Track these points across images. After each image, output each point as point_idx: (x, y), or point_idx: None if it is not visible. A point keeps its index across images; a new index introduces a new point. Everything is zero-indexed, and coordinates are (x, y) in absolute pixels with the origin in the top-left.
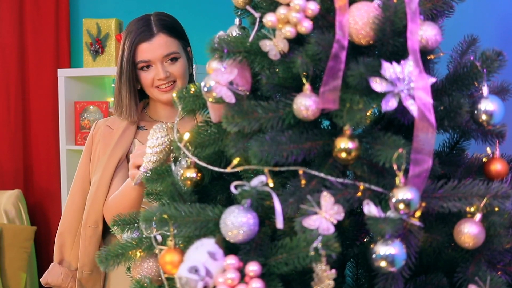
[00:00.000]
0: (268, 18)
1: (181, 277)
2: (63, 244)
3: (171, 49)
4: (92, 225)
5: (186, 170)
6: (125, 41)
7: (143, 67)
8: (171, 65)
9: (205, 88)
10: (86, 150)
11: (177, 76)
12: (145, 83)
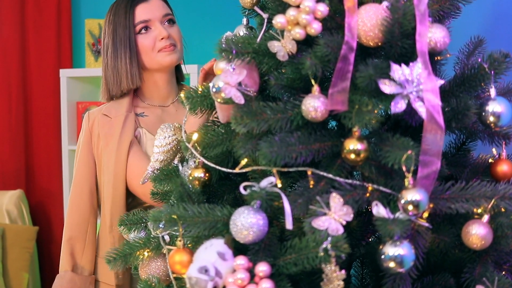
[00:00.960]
0: (277, 19)
1: (191, 277)
2: (73, 249)
3: (168, 10)
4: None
5: (194, 170)
6: (115, 12)
7: (142, 29)
8: (170, 28)
9: (213, 88)
10: (85, 145)
11: (176, 39)
12: (146, 49)
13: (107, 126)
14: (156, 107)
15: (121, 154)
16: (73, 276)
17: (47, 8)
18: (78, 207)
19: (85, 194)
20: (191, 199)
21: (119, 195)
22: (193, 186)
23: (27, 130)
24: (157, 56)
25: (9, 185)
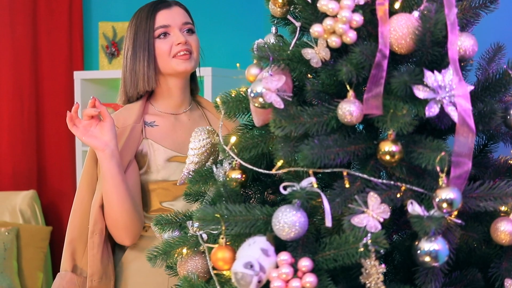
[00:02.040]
0: (315, 28)
1: (236, 272)
2: (74, 250)
3: (188, 19)
4: (99, 233)
5: (231, 172)
6: (138, 17)
7: (161, 34)
8: (188, 36)
9: (252, 94)
10: (91, 153)
11: (193, 47)
12: (163, 52)
13: None
14: (168, 114)
15: None
16: (73, 277)
17: (58, 10)
18: (80, 212)
19: (87, 200)
20: (230, 199)
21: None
22: (230, 187)
23: (39, 131)
24: (172, 62)
25: (22, 186)
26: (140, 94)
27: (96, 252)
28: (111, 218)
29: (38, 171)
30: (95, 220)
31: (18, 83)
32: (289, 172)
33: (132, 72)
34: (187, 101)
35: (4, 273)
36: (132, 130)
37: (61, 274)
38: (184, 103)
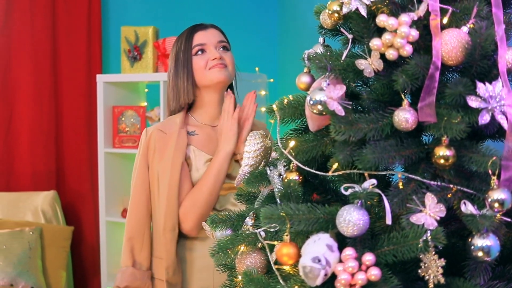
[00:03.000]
0: (374, 42)
1: (305, 266)
2: (133, 247)
3: (223, 38)
4: (171, 229)
5: (289, 174)
6: (179, 39)
7: (198, 51)
8: (223, 52)
9: (311, 101)
10: (142, 157)
11: (228, 62)
12: (199, 67)
13: (162, 141)
14: (206, 126)
15: (174, 169)
16: (134, 271)
17: (77, 14)
18: (136, 212)
19: (142, 201)
20: (292, 199)
21: (172, 205)
22: (288, 188)
23: (58, 133)
24: (208, 73)
25: (41, 186)
26: (182, 106)
27: (170, 247)
28: (206, 208)
29: (56, 172)
30: (165, 218)
31: (38, 86)
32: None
33: (174, 88)
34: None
35: (30, 271)
36: (178, 136)
37: (122, 269)
38: (219, 117)
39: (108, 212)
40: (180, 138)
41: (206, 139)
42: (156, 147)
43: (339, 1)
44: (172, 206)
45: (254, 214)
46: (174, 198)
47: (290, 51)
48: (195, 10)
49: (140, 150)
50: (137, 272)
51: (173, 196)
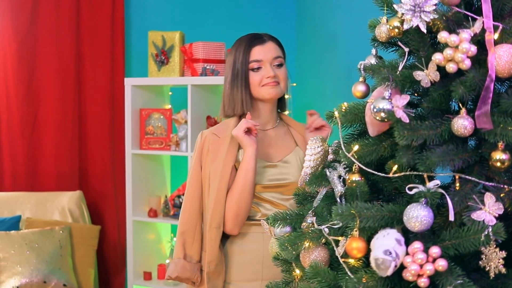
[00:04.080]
0: (436, 56)
1: (377, 258)
2: (185, 241)
3: (278, 53)
4: (216, 227)
5: (352, 175)
6: (238, 47)
7: (254, 68)
8: (277, 69)
9: (374, 109)
10: (197, 158)
11: (281, 79)
12: (254, 82)
13: (216, 144)
14: (259, 130)
15: (225, 172)
16: (185, 263)
17: (101, 19)
18: (189, 209)
19: (195, 199)
20: (359, 198)
21: (219, 204)
22: (350, 188)
23: (81, 135)
24: (261, 90)
25: (64, 186)
26: (236, 114)
27: (214, 243)
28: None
29: (80, 172)
30: (212, 216)
31: (62, 88)
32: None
33: (230, 96)
34: (273, 119)
35: (61, 269)
36: (231, 140)
37: (174, 260)
38: (271, 121)
39: (134, 211)
40: (232, 142)
41: (259, 143)
42: (209, 149)
43: (400, 18)
44: (219, 206)
45: (313, 213)
46: (222, 199)
47: (307, 57)
48: (219, 16)
49: (195, 151)
50: (188, 264)
51: (221, 196)
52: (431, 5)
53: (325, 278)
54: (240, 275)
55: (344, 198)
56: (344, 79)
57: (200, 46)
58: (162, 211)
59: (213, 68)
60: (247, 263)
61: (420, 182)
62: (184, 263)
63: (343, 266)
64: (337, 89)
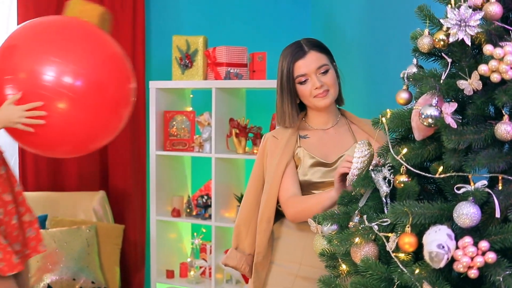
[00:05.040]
0: (482, 68)
1: (431, 251)
2: (239, 233)
3: (321, 62)
4: (266, 221)
5: (399, 176)
6: (283, 62)
7: (301, 81)
8: (323, 76)
9: (423, 115)
10: (258, 159)
11: (329, 85)
12: (304, 94)
13: (274, 145)
14: (318, 130)
15: (278, 170)
16: (235, 253)
17: (122, 23)
18: (247, 204)
19: (253, 196)
20: (410, 197)
21: (271, 199)
22: (398, 188)
23: None
24: (313, 101)
25: (86, 187)
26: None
27: (263, 235)
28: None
29: (101, 173)
30: (263, 211)
31: None
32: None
33: (280, 110)
34: (332, 118)
35: (89, 267)
36: (288, 140)
37: (229, 249)
38: (330, 121)
39: (158, 211)
40: (289, 142)
41: (317, 142)
42: (268, 151)
43: (445, 31)
44: (270, 201)
45: (359, 212)
46: (274, 195)
47: None
48: (241, 21)
49: (258, 152)
50: (238, 255)
51: (273, 193)
52: (475, 20)
53: (376, 271)
54: (283, 256)
55: (388, 197)
56: (362, 83)
57: (223, 51)
58: (185, 210)
59: (237, 72)
60: (291, 245)
61: (463, 182)
62: (234, 253)
63: (395, 260)
64: (356, 92)
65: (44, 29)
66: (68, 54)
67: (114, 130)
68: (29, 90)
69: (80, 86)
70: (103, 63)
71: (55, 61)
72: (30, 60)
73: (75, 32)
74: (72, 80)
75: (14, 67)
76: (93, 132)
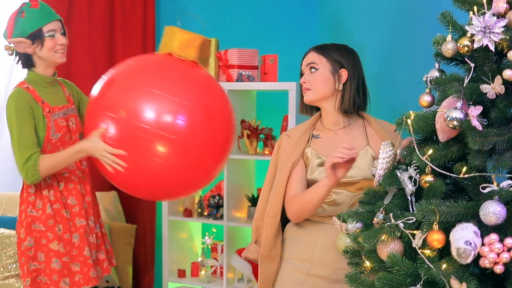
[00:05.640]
0: (507, 73)
1: (459, 248)
2: (258, 228)
3: (310, 60)
4: (272, 216)
5: (425, 176)
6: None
7: (301, 75)
8: (310, 74)
9: (448, 117)
10: (274, 158)
11: (311, 84)
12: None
13: (287, 144)
14: (330, 130)
15: (284, 169)
16: (255, 246)
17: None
18: (263, 200)
19: (268, 192)
20: (436, 196)
21: (277, 195)
22: (423, 187)
23: None
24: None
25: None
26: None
27: (269, 229)
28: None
29: None
30: (269, 205)
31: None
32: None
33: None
34: (343, 119)
35: None
36: (299, 139)
37: (249, 243)
38: (340, 122)
39: (170, 211)
40: (300, 141)
41: (327, 143)
42: (281, 149)
43: (469, 38)
44: (277, 197)
45: (383, 210)
46: (280, 190)
47: None
48: (252, 24)
49: (274, 150)
50: (257, 248)
51: (279, 189)
52: (499, 27)
53: (402, 267)
54: (294, 254)
55: (414, 196)
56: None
57: (235, 53)
58: (196, 210)
59: (248, 74)
60: (302, 244)
61: (484, 182)
62: (254, 246)
63: (421, 256)
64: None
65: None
66: (173, 93)
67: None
68: (125, 128)
69: (183, 128)
70: (211, 104)
71: (155, 101)
72: (129, 96)
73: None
74: (175, 121)
75: (114, 102)
76: (190, 182)
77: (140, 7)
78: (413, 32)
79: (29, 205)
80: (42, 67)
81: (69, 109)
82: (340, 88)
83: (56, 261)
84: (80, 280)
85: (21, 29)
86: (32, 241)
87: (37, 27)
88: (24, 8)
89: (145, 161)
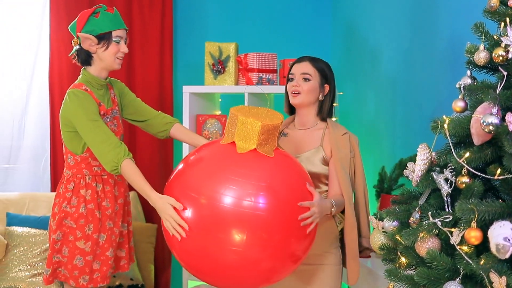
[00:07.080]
0: None
1: (498, 243)
2: None
3: (307, 70)
4: None
5: (461, 177)
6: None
7: (289, 78)
8: (303, 83)
9: (484, 123)
10: None
11: (303, 90)
12: (288, 89)
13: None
14: (298, 129)
15: None
16: None
17: (151, 29)
18: None
19: None
20: (474, 196)
21: None
22: (460, 188)
23: (130, 139)
24: (290, 96)
25: None
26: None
27: None
28: None
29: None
30: None
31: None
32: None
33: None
34: (311, 122)
35: None
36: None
37: None
38: (308, 123)
39: None
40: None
41: (290, 140)
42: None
43: (504, 48)
44: None
45: (420, 209)
46: None
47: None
48: (269, 29)
49: None
50: None
51: None
52: None
53: (441, 263)
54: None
55: (450, 197)
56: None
57: (254, 57)
58: None
59: (268, 77)
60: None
61: None
62: None
63: (460, 252)
64: (380, 99)
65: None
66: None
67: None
68: (208, 213)
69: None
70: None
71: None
72: (212, 183)
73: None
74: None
75: (195, 186)
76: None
77: (158, 11)
78: (431, 37)
79: (65, 201)
80: (98, 68)
81: (114, 111)
82: (321, 98)
83: (79, 258)
84: (98, 278)
85: (92, 27)
86: (61, 235)
87: (107, 29)
88: (99, 10)
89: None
